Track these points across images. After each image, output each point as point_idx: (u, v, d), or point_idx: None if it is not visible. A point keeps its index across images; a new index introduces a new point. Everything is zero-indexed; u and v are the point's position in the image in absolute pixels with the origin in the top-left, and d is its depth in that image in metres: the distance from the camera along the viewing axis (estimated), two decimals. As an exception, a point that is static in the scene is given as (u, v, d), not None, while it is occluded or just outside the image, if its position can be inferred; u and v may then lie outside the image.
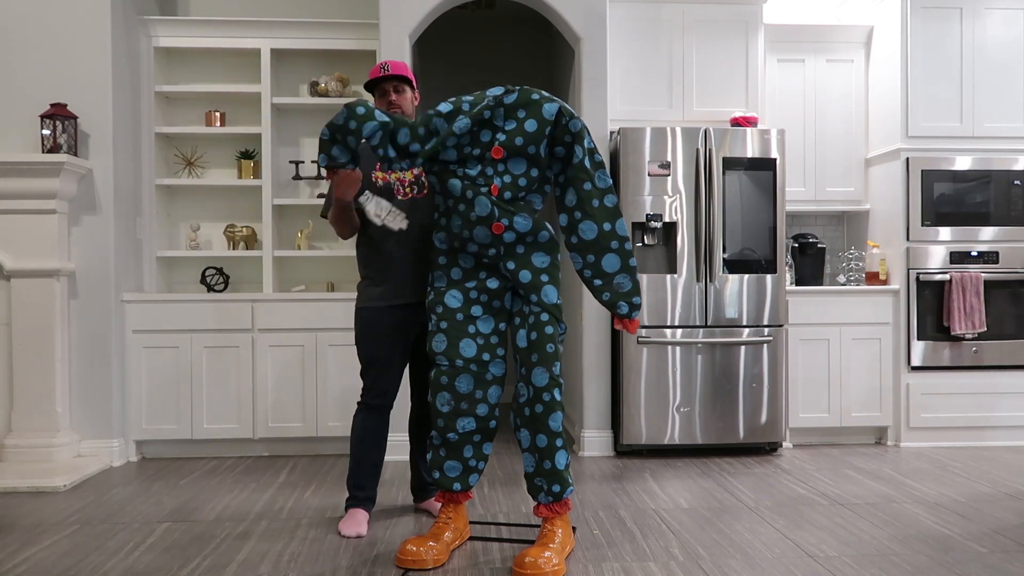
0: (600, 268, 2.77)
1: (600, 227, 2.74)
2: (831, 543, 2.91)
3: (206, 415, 4.30)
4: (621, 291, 2.79)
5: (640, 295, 2.81)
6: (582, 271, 2.81)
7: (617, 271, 2.77)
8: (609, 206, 2.76)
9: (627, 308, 2.80)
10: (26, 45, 4.11)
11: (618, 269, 2.77)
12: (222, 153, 4.81)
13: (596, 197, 2.75)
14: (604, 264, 2.77)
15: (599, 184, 2.76)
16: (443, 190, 2.77)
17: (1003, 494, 3.57)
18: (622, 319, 2.83)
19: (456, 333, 2.75)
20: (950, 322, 4.49)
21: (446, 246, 2.82)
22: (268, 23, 4.55)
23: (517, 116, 2.73)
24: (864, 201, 4.91)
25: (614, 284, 2.78)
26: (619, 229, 2.76)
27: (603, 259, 2.77)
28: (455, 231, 2.75)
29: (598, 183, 2.76)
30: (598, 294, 2.81)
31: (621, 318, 2.83)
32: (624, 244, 2.77)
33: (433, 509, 3.27)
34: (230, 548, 2.89)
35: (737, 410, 4.31)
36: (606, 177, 2.78)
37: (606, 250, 2.76)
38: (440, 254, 2.84)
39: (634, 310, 2.80)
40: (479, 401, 2.76)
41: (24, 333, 4.01)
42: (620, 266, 2.77)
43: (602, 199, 2.76)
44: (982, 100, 4.59)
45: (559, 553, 2.65)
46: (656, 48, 4.62)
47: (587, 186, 2.75)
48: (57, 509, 3.38)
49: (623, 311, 2.80)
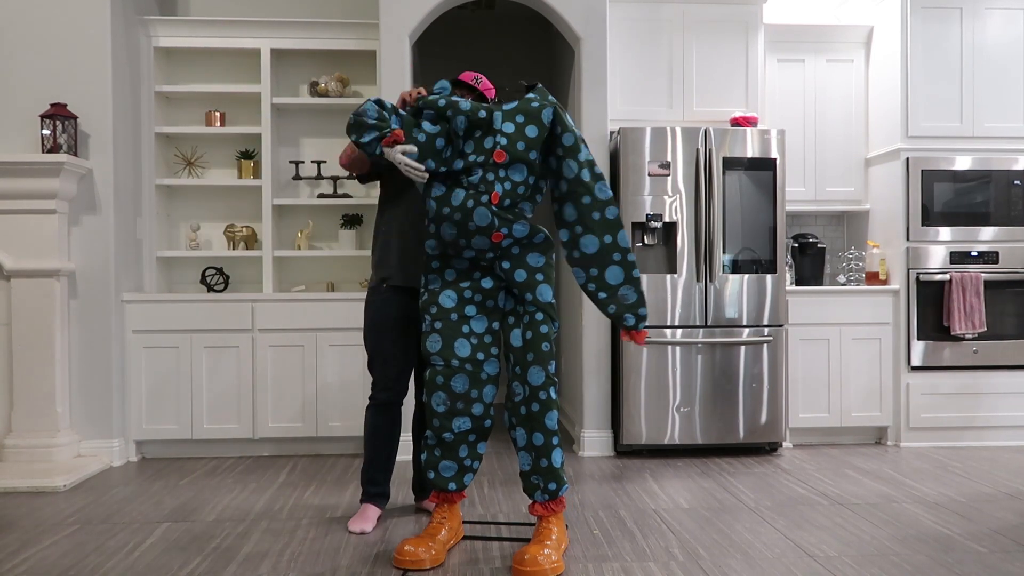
0: (604, 281, 2.75)
1: (601, 240, 2.73)
2: (831, 543, 2.91)
3: (206, 415, 4.30)
4: (626, 303, 2.77)
5: (645, 306, 2.80)
6: (586, 285, 2.78)
7: (621, 283, 2.76)
8: (610, 218, 2.73)
9: (634, 320, 2.78)
10: (26, 45, 4.11)
11: (622, 281, 2.75)
12: (222, 153, 4.82)
13: (596, 210, 2.73)
14: (608, 277, 2.75)
15: (599, 196, 2.73)
16: (443, 197, 2.75)
17: (1003, 494, 3.57)
18: (628, 331, 2.81)
19: (451, 333, 2.74)
20: (950, 322, 4.49)
21: (438, 252, 2.81)
22: (268, 23, 4.55)
23: (516, 120, 2.71)
24: (864, 201, 4.91)
25: (619, 296, 2.77)
26: (621, 241, 2.74)
27: (606, 272, 2.75)
28: (447, 239, 2.73)
29: (598, 195, 2.73)
30: (603, 307, 2.79)
31: (628, 330, 2.81)
32: (627, 256, 2.75)
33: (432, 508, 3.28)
34: (230, 548, 2.89)
35: (737, 410, 4.31)
36: (606, 189, 2.75)
37: (609, 263, 2.74)
38: (432, 259, 2.83)
39: (640, 321, 2.79)
40: (474, 401, 2.76)
41: (24, 333, 4.01)
42: (624, 278, 2.75)
43: (603, 211, 2.73)
44: (982, 100, 4.59)
45: (557, 550, 2.66)
46: (656, 48, 4.62)
47: (586, 199, 2.72)
48: (57, 509, 3.38)
49: (630, 323, 2.78)
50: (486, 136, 2.70)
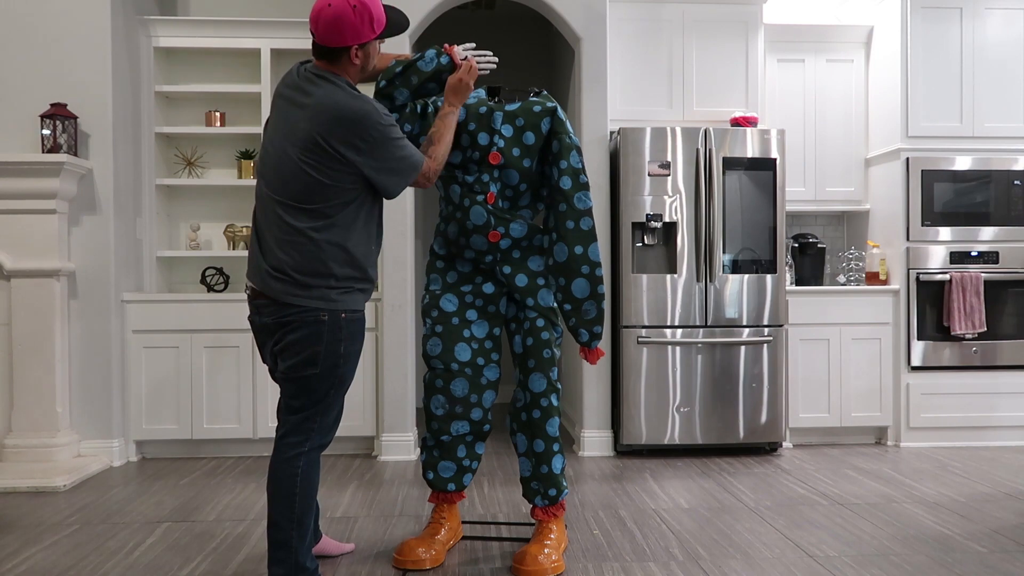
0: (570, 293, 2.70)
1: (571, 250, 2.67)
2: (831, 543, 2.91)
3: (206, 415, 4.30)
4: (585, 318, 2.72)
5: (602, 324, 2.74)
6: (555, 294, 2.75)
7: (586, 297, 2.70)
8: (584, 229, 2.68)
9: (587, 336, 2.74)
10: (26, 45, 4.11)
11: (587, 295, 2.70)
12: (222, 153, 4.81)
13: (571, 219, 2.67)
14: (574, 289, 2.69)
15: (576, 205, 2.68)
16: (446, 195, 2.77)
17: (1003, 494, 3.57)
18: (581, 348, 2.78)
19: (451, 337, 2.73)
20: (950, 322, 4.49)
21: (444, 251, 2.81)
22: (268, 23, 4.55)
23: (515, 124, 2.71)
24: (864, 201, 4.91)
25: (581, 311, 2.72)
26: (591, 254, 2.68)
27: (573, 283, 2.69)
28: (452, 237, 2.74)
29: (576, 204, 2.68)
30: (566, 319, 2.75)
31: (581, 345, 2.78)
32: (595, 270, 2.69)
33: (327, 550, 2.78)
34: (230, 548, 2.88)
35: (737, 410, 4.31)
36: (585, 199, 2.69)
37: (576, 274, 2.68)
38: (438, 258, 2.83)
39: (594, 339, 2.75)
40: (474, 406, 2.74)
41: (24, 333, 4.01)
42: (588, 292, 2.70)
43: (578, 221, 2.68)
44: (982, 100, 4.59)
45: (557, 549, 2.67)
46: (656, 48, 4.62)
47: (563, 207, 2.68)
48: (57, 509, 3.38)
49: (583, 339, 2.75)
50: (482, 133, 2.70)
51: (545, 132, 2.71)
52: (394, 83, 2.57)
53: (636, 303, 4.29)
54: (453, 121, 2.56)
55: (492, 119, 2.70)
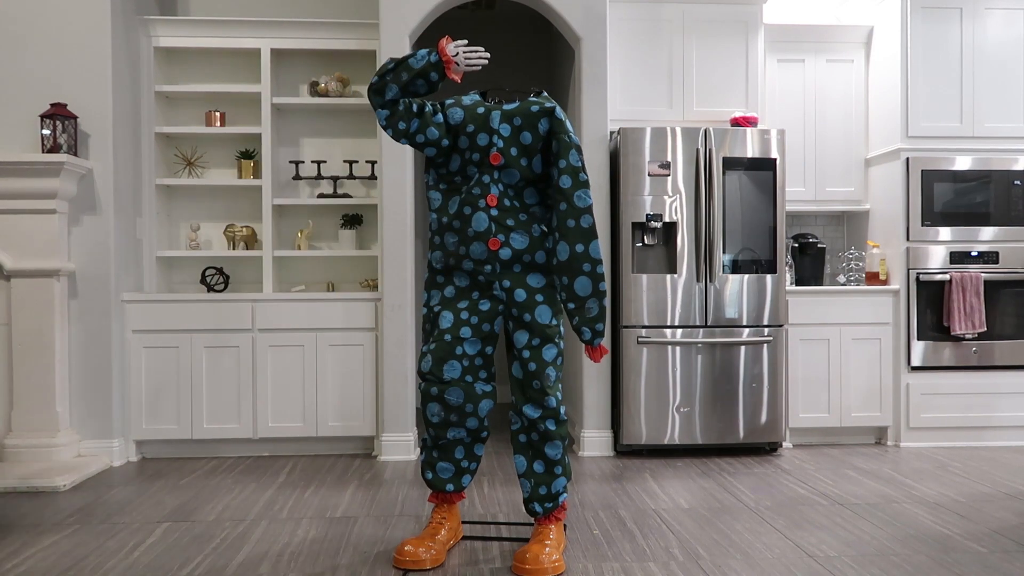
0: (573, 291, 2.69)
1: (572, 248, 2.66)
2: (831, 543, 2.91)
3: (206, 415, 4.30)
4: (588, 316, 2.71)
5: (604, 322, 2.74)
6: (560, 293, 2.74)
7: (588, 295, 2.69)
8: (584, 227, 2.67)
9: (589, 335, 2.73)
10: (26, 45, 4.11)
11: (589, 293, 2.69)
12: (222, 153, 4.81)
13: (572, 217, 2.67)
14: (577, 287, 2.68)
15: (576, 204, 2.67)
16: (441, 207, 2.75)
17: (1003, 494, 3.57)
18: (586, 345, 2.77)
19: (442, 355, 2.70)
20: (950, 322, 4.49)
21: (441, 265, 2.80)
22: (268, 23, 4.55)
23: (513, 123, 2.71)
24: (864, 201, 4.91)
25: (584, 308, 2.70)
26: (592, 251, 2.68)
27: (575, 281, 2.68)
28: (450, 248, 2.73)
29: (575, 202, 2.67)
30: (570, 318, 2.74)
31: (584, 344, 2.77)
32: (596, 267, 2.68)
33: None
34: (230, 548, 2.89)
35: (737, 410, 4.31)
36: (585, 197, 2.69)
37: (578, 272, 2.68)
38: (437, 273, 2.82)
39: (596, 337, 2.73)
40: (469, 415, 2.73)
41: (24, 333, 4.01)
42: (591, 290, 2.69)
43: (578, 219, 2.67)
44: (982, 100, 4.59)
45: (557, 549, 2.67)
46: (656, 48, 4.62)
47: (563, 206, 2.68)
48: (57, 509, 3.38)
49: (586, 337, 2.73)
50: (481, 134, 2.70)
51: (543, 132, 2.71)
52: (385, 79, 2.61)
53: (636, 303, 4.29)
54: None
55: (490, 118, 2.70)
